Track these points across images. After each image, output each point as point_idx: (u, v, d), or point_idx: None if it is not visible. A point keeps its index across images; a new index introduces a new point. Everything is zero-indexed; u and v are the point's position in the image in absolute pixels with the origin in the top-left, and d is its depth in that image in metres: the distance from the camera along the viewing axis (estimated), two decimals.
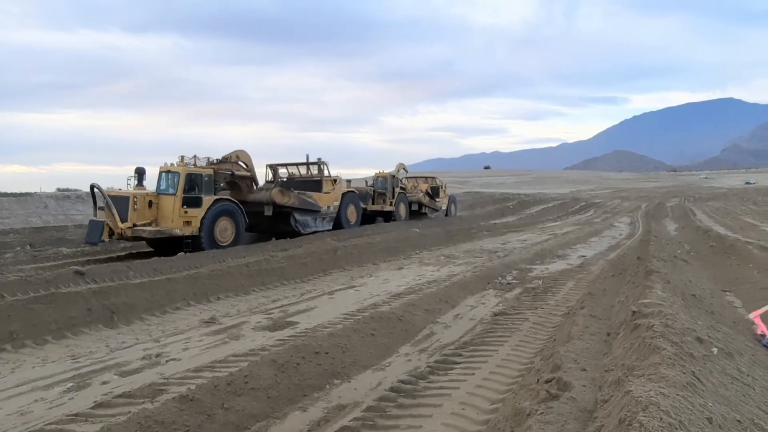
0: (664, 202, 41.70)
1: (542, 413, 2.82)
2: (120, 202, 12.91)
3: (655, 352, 3.27)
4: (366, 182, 24.41)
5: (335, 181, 19.85)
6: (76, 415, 4.44)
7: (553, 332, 6.63)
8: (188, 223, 13.58)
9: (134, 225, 12.98)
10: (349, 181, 23.84)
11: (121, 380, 5.31)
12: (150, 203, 13.50)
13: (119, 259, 13.30)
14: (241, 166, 16.04)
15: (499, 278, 10.81)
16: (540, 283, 10.30)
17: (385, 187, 23.75)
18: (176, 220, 13.39)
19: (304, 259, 11.75)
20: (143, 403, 4.49)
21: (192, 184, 13.89)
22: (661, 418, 2.21)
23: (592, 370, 3.78)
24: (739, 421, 2.68)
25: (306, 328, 7.08)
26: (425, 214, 26.44)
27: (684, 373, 2.96)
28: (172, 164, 14.14)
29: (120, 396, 4.73)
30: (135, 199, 13.12)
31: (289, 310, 8.26)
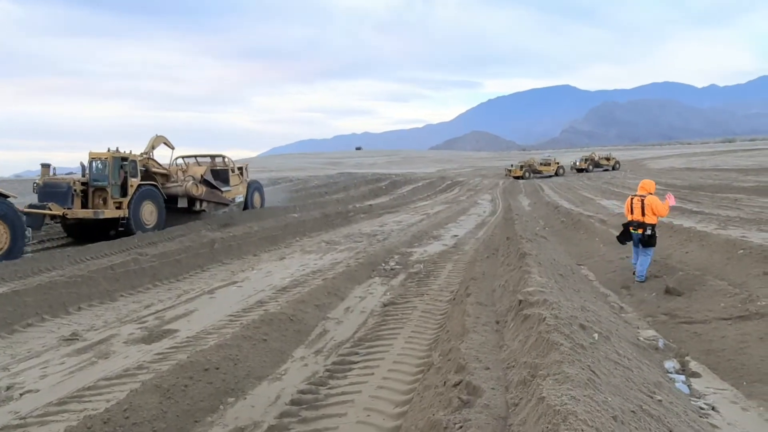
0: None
1: (461, 427, 2.83)
2: None
3: (554, 348, 3.47)
4: (83, 168, 14.83)
5: None
6: None
7: (442, 320, 6.85)
8: None
9: None
10: (47, 165, 14.50)
11: None
12: None
13: None
14: None
15: (383, 264, 10.97)
16: (422, 267, 10.64)
17: (104, 177, 14.24)
18: None
19: (178, 256, 10.85)
20: None
21: None
22: (582, 430, 2.32)
23: (494, 368, 3.93)
24: (633, 411, 2.93)
25: (188, 337, 6.52)
26: (203, 211, 17.84)
27: (583, 368, 3.17)
28: None
29: None
30: None
31: (165, 315, 7.56)
